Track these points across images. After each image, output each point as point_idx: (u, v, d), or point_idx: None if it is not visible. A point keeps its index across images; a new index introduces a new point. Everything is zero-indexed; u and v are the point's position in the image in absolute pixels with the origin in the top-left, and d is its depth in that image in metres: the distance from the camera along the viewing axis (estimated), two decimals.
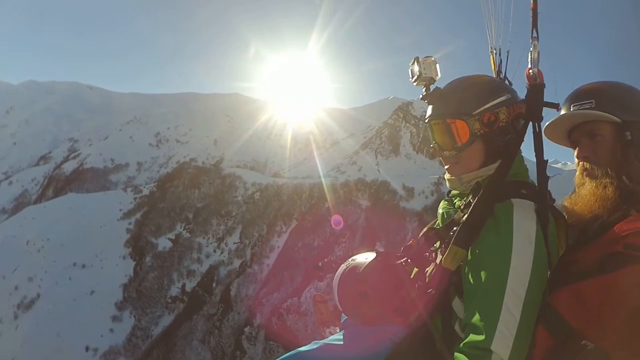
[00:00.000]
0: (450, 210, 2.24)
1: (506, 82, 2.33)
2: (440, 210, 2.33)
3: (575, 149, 2.13)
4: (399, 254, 2.41)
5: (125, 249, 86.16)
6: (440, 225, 2.21)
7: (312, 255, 77.06)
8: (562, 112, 2.12)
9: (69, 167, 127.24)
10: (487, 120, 2.05)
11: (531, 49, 2.16)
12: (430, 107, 2.23)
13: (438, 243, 2.15)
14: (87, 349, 71.87)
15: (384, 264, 2.37)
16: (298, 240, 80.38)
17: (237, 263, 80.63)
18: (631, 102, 1.99)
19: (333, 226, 76.13)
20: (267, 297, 73.74)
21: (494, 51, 2.47)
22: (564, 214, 2.10)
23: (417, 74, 2.18)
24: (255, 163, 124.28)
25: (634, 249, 1.64)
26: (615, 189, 1.93)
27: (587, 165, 2.05)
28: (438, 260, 2.05)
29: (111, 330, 74.88)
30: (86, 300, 78.44)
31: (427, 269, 2.18)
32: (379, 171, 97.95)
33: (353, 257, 2.49)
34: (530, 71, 2.13)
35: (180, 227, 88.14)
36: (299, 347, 2.22)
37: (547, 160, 2.09)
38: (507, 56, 2.39)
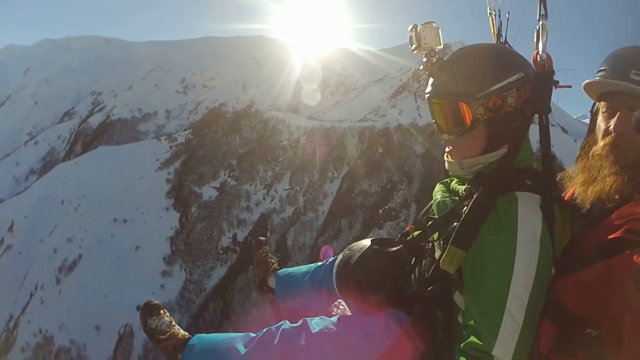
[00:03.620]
0: (447, 198, 2.03)
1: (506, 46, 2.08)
2: (437, 197, 2.10)
3: (605, 112, 1.82)
4: (396, 240, 2.24)
5: (167, 200, 79.32)
6: (436, 214, 2.03)
7: (370, 202, 69.75)
8: (610, 72, 1.78)
9: (95, 120, 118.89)
10: (492, 105, 1.80)
11: (539, 28, 1.88)
12: (430, 81, 1.95)
13: (436, 235, 1.99)
14: (138, 307, 64.76)
15: (378, 253, 2.22)
16: (354, 186, 72.30)
17: (289, 210, 73.43)
18: None
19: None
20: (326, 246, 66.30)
21: (493, 13, 2.22)
22: (569, 198, 1.95)
23: (416, 42, 1.92)
24: (288, 106, 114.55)
25: (637, 234, 1.56)
26: (633, 186, 1.72)
27: (620, 142, 1.75)
28: (437, 255, 1.95)
29: (162, 286, 69.01)
30: (132, 257, 72.54)
31: (424, 261, 2.06)
32: (420, 115, 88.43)
33: (349, 246, 2.37)
34: (538, 56, 1.87)
35: (225, 175, 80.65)
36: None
37: (555, 154, 1.92)
38: (508, 19, 2.15)
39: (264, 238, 3.21)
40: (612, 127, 1.76)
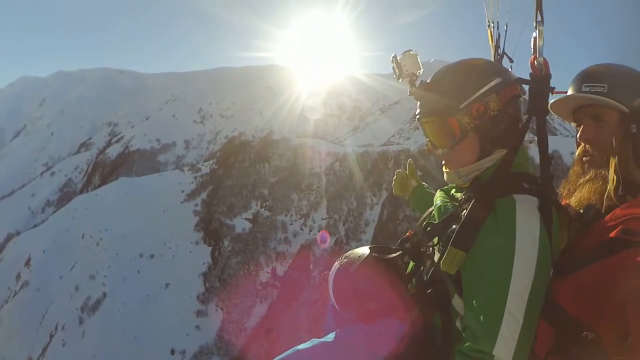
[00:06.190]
0: (448, 203, 1.99)
1: (505, 58, 2.14)
2: (438, 202, 2.06)
3: (578, 126, 1.94)
4: (394, 247, 2.17)
5: (196, 234, 71.25)
6: (437, 219, 1.99)
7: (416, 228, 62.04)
8: (571, 90, 1.91)
9: (113, 151, 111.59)
10: (476, 113, 1.80)
11: (535, 34, 1.86)
12: (418, 104, 1.98)
13: (436, 239, 1.94)
14: (172, 352, 57.63)
15: (378, 260, 2.13)
16: (397, 212, 64.70)
17: (331, 241, 65.35)
18: None
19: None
20: None
21: (492, 25, 2.23)
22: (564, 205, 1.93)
23: (398, 71, 1.94)
24: (307, 133, 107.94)
25: (632, 234, 1.53)
26: (613, 184, 1.76)
27: (589, 148, 1.89)
28: (436, 259, 1.88)
29: (197, 327, 60.46)
30: (162, 295, 64.01)
31: (424, 265, 1.98)
32: None
33: (346, 254, 2.22)
34: (536, 61, 1.86)
35: (257, 205, 72.85)
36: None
37: (552, 156, 1.90)
38: (506, 30, 2.17)
39: None
40: (578, 137, 1.87)
